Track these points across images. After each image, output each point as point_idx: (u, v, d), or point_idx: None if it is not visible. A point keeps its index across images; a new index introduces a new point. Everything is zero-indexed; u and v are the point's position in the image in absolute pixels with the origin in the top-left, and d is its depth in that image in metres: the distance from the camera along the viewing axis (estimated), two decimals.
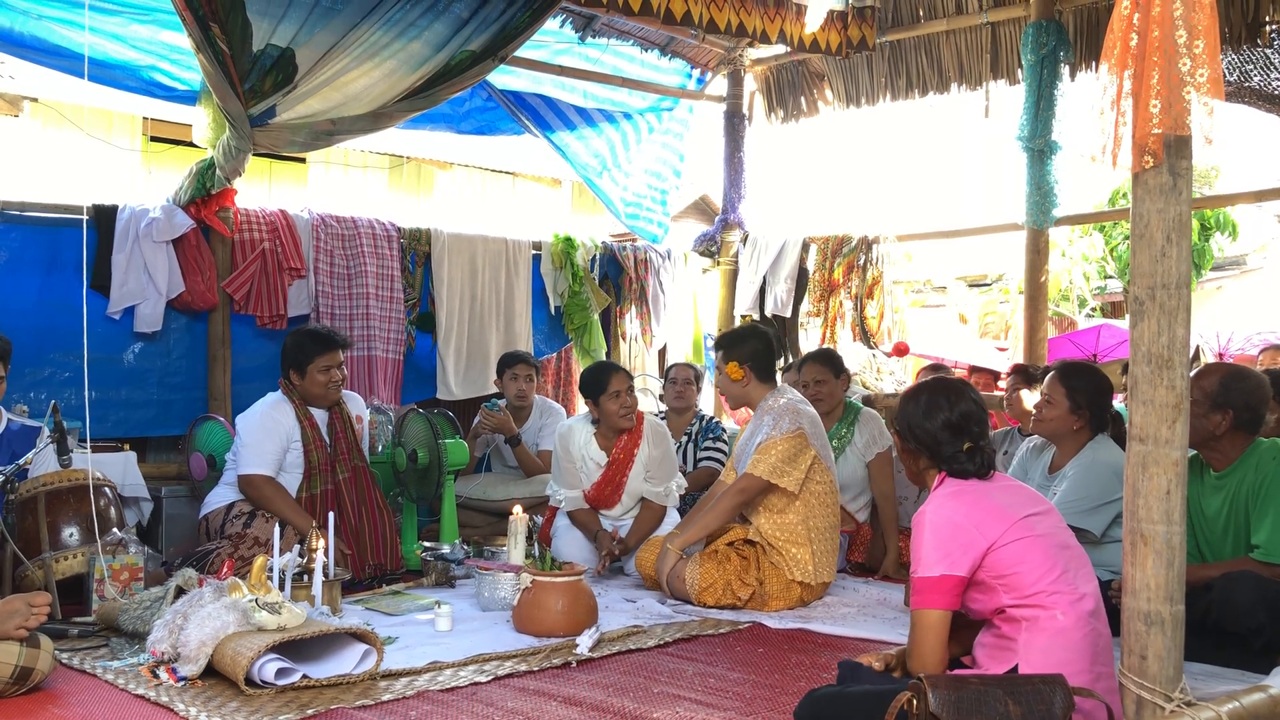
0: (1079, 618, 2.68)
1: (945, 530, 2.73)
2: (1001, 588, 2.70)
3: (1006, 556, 2.69)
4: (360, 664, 3.46)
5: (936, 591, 2.70)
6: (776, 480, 4.67)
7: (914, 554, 2.79)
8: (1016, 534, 2.72)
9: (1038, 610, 2.66)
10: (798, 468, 4.71)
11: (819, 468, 4.81)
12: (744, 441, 4.98)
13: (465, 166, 12.29)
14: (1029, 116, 6.49)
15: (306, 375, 5.08)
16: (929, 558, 2.71)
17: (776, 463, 4.67)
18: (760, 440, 4.77)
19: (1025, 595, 2.68)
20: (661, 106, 8.28)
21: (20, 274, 5.62)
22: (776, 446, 4.70)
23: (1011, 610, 2.69)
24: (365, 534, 5.09)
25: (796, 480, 4.69)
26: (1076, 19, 6.69)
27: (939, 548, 2.71)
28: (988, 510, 2.76)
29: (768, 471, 4.67)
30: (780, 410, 4.81)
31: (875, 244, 7.62)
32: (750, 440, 4.90)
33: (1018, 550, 2.70)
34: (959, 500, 2.79)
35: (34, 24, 5.59)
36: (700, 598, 4.62)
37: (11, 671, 3.19)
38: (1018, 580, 2.69)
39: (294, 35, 5.59)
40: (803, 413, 4.83)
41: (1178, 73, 2.52)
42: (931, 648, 2.69)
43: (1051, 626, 2.65)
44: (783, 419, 4.77)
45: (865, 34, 7.11)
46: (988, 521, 2.73)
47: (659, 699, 3.33)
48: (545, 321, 7.70)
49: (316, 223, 6.50)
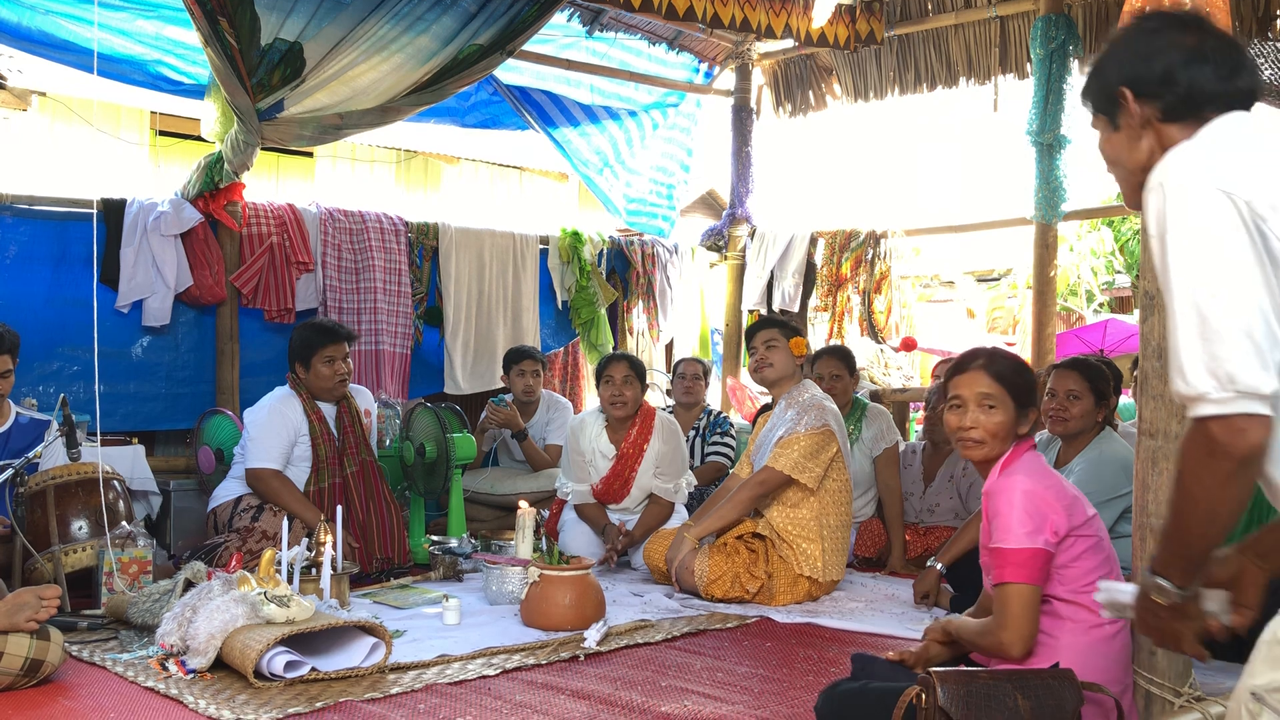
0: (1120, 627, 2.63)
1: (1035, 503, 2.59)
2: (1056, 577, 2.61)
3: (1074, 547, 2.61)
4: (369, 657, 3.47)
5: (1029, 566, 2.55)
6: (797, 475, 4.67)
7: (1000, 523, 2.62)
8: (1088, 529, 2.65)
9: (1085, 611, 2.58)
10: (819, 464, 4.71)
11: (838, 466, 4.81)
12: (765, 433, 4.97)
13: (472, 161, 12.29)
14: (1038, 111, 6.47)
15: (311, 368, 5.09)
16: (1021, 529, 2.56)
17: (799, 458, 4.67)
18: (782, 434, 4.77)
19: (1075, 589, 2.60)
20: (668, 102, 8.27)
21: (29, 268, 5.63)
22: (800, 442, 4.69)
23: (1058, 604, 2.61)
24: (373, 528, 5.10)
25: (816, 477, 4.69)
26: (1086, 12, 6.67)
27: (1033, 518, 2.57)
28: (1069, 495, 2.68)
29: (789, 466, 4.67)
30: (805, 405, 4.80)
31: (883, 238, 7.60)
32: (771, 432, 4.89)
33: (1084, 545, 2.62)
34: (1045, 479, 2.67)
35: (41, 19, 5.59)
36: (708, 590, 4.62)
37: (22, 664, 3.20)
38: (1072, 574, 2.61)
39: (302, 29, 5.59)
40: (828, 409, 4.83)
41: None
42: (1032, 624, 2.55)
43: (1097, 633, 2.59)
44: (807, 414, 4.77)
45: (873, 28, 7.09)
46: (1071, 505, 2.64)
47: (667, 692, 3.34)
48: (552, 316, 7.70)
49: (324, 217, 6.51)
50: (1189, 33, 1.84)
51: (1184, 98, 1.80)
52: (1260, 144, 1.73)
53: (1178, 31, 1.85)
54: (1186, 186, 1.66)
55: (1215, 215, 1.63)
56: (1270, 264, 1.62)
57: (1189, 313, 1.63)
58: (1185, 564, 1.75)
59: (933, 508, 5.68)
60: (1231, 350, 1.59)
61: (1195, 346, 1.62)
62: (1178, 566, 1.76)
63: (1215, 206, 1.63)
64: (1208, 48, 1.82)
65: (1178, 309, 1.64)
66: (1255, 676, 1.70)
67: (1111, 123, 1.91)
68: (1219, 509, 1.66)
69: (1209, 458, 1.63)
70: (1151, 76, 1.83)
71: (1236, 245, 1.61)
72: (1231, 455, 1.61)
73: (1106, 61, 1.93)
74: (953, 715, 2.22)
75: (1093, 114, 1.96)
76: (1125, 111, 1.87)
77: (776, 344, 4.89)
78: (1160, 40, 1.85)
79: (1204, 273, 1.62)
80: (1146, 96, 1.84)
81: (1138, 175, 1.87)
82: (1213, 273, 1.62)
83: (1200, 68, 1.80)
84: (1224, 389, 1.60)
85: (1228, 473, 1.63)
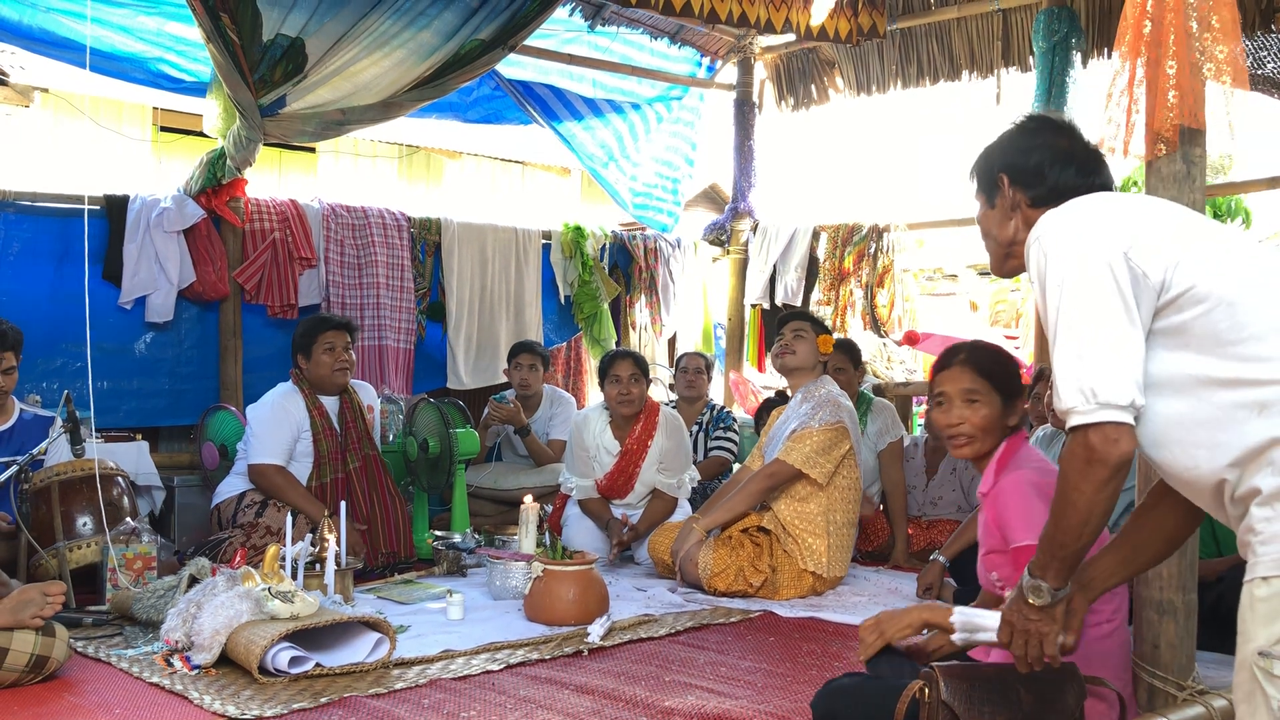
0: (1119, 626, 2.62)
1: (1047, 492, 2.43)
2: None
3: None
4: (373, 652, 3.48)
5: None
6: (808, 470, 4.67)
7: (1014, 523, 2.56)
8: None
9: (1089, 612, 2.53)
10: (830, 460, 4.71)
11: (849, 464, 4.81)
12: (777, 426, 4.98)
13: (475, 156, 12.28)
14: (1040, 104, 6.44)
15: (312, 357, 5.10)
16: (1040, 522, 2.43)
17: (810, 453, 4.68)
18: (795, 428, 4.77)
19: None
20: (671, 95, 8.26)
21: (32, 264, 5.64)
22: (813, 437, 4.70)
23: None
24: (377, 522, 5.11)
25: (826, 472, 4.70)
26: (1089, 5, 6.64)
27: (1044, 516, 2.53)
28: None
29: (800, 460, 4.67)
30: (821, 400, 4.81)
31: (885, 232, 7.59)
32: (784, 426, 4.90)
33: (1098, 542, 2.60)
34: (1049, 470, 2.62)
35: (41, 16, 5.59)
36: (712, 583, 4.63)
37: (27, 660, 3.21)
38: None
39: (304, 25, 5.59)
40: (843, 406, 4.84)
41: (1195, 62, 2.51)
42: None
43: (1095, 630, 2.56)
44: (822, 409, 4.77)
45: (876, 21, 7.07)
46: None
47: (671, 687, 3.34)
48: (555, 311, 7.70)
49: (327, 212, 6.51)
50: (1061, 137, 2.20)
51: (1050, 189, 2.13)
52: (1117, 201, 2.03)
53: (1052, 134, 2.21)
54: (1059, 239, 1.94)
55: (1082, 261, 1.90)
56: (1135, 297, 1.87)
57: (1066, 342, 1.88)
58: (1061, 566, 1.99)
59: (935, 501, 5.69)
60: (1095, 369, 1.84)
61: (1069, 368, 1.87)
62: (1055, 569, 1.99)
63: (1082, 254, 1.90)
64: (1075, 151, 2.17)
65: (1058, 339, 1.89)
66: (1254, 639, 1.77)
67: (989, 201, 2.23)
68: (1094, 511, 1.90)
69: (1086, 465, 1.86)
70: (1026, 168, 2.16)
71: (1101, 284, 1.87)
72: (1106, 462, 1.85)
73: (993, 148, 2.25)
74: (956, 709, 2.22)
75: (975, 190, 2.28)
76: (1001, 194, 2.19)
77: (804, 335, 4.92)
78: (1037, 140, 2.20)
79: (1075, 309, 1.88)
80: (1020, 184, 2.17)
81: (1004, 248, 2.21)
82: (1082, 308, 1.87)
83: (1066, 168, 2.14)
84: (1089, 402, 1.84)
85: (1103, 479, 1.86)
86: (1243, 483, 1.80)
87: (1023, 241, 2.13)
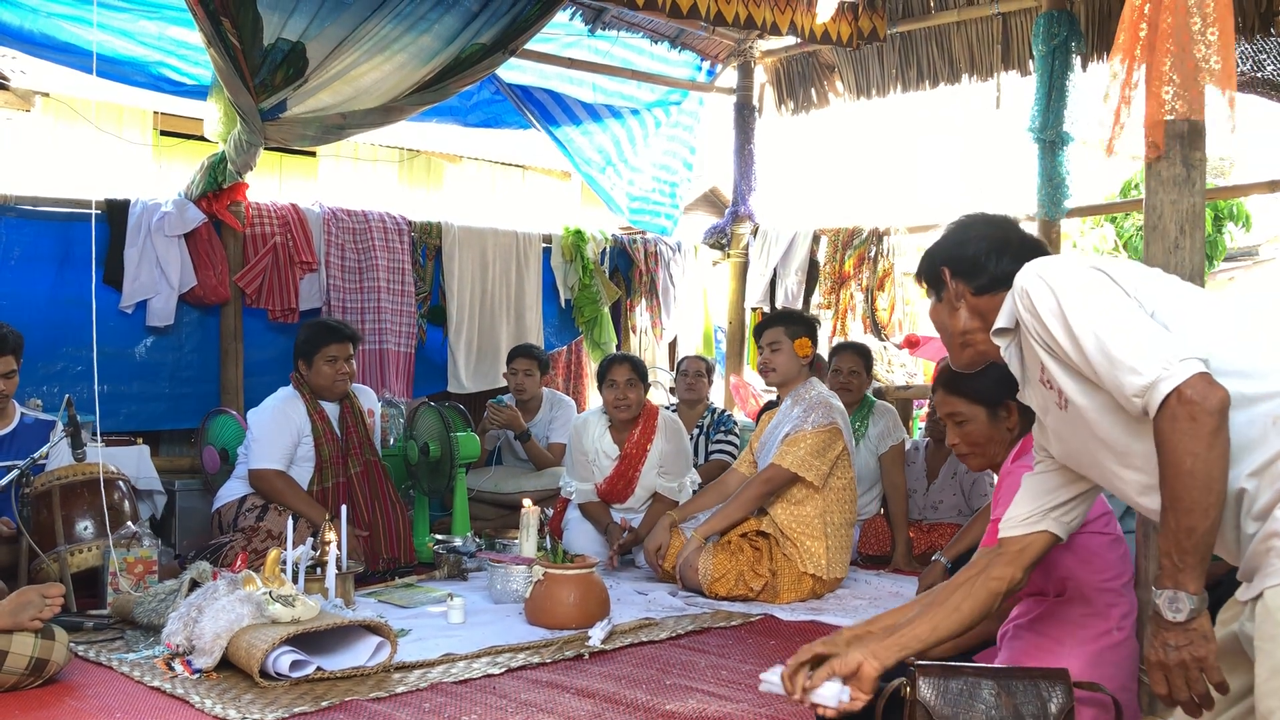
0: (1129, 634, 2.58)
1: None
2: (1088, 564, 2.55)
3: (1091, 543, 2.56)
4: (374, 656, 3.48)
5: None
6: (803, 473, 4.68)
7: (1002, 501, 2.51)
8: (1108, 526, 2.59)
9: (1095, 617, 2.53)
10: (825, 461, 4.72)
11: (843, 464, 4.82)
12: (769, 430, 4.98)
13: (475, 160, 12.27)
14: (1040, 107, 6.45)
15: (313, 366, 5.10)
16: None
17: (805, 455, 4.68)
18: (788, 431, 4.78)
19: (1099, 585, 2.54)
20: (670, 100, 8.27)
21: (33, 269, 5.63)
22: (806, 440, 4.70)
23: (1075, 607, 2.54)
24: (378, 528, 5.11)
25: (821, 474, 4.70)
26: (1088, 9, 6.65)
27: None
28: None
29: (795, 464, 4.68)
30: (812, 402, 4.81)
31: (886, 235, 7.60)
32: (776, 429, 4.90)
33: (1104, 542, 2.57)
34: None
35: (42, 21, 5.60)
36: (712, 588, 4.63)
37: (27, 663, 3.21)
38: (1102, 564, 2.55)
39: (305, 29, 5.59)
40: (834, 407, 4.84)
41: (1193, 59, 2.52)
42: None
43: (1105, 640, 2.53)
44: (814, 412, 4.78)
45: (876, 25, 7.08)
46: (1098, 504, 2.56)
47: (671, 691, 3.34)
48: (555, 315, 7.70)
49: (327, 216, 6.51)
50: (995, 229, 2.26)
51: (990, 279, 2.18)
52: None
53: (986, 227, 2.27)
54: (1062, 267, 1.98)
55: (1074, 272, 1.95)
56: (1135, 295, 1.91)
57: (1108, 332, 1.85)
58: (1196, 560, 1.79)
59: (936, 505, 5.69)
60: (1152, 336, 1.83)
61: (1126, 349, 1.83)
62: (1189, 566, 1.80)
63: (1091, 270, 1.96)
64: (1010, 240, 2.23)
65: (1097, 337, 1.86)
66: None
67: (938, 295, 2.27)
68: (1214, 473, 1.77)
69: (1191, 423, 1.76)
70: (964, 259, 2.22)
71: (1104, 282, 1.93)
72: (1210, 410, 1.75)
73: (935, 246, 2.32)
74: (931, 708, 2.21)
75: (925, 289, 2.34)
76: (946, 287, 2.24)
77: (779, 346, 4.91)
78: (972, 232, 2.26)
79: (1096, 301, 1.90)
80: (961, 276, 2.22)
81: (958, 338, 2.24)
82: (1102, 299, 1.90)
83: (1002, 256, 2.18)
84: (1167, 365, 1.78)
85: (1212, 428, 1.76)
86: (1262, 492, 1.82)
87: (974, 329, 2.19)
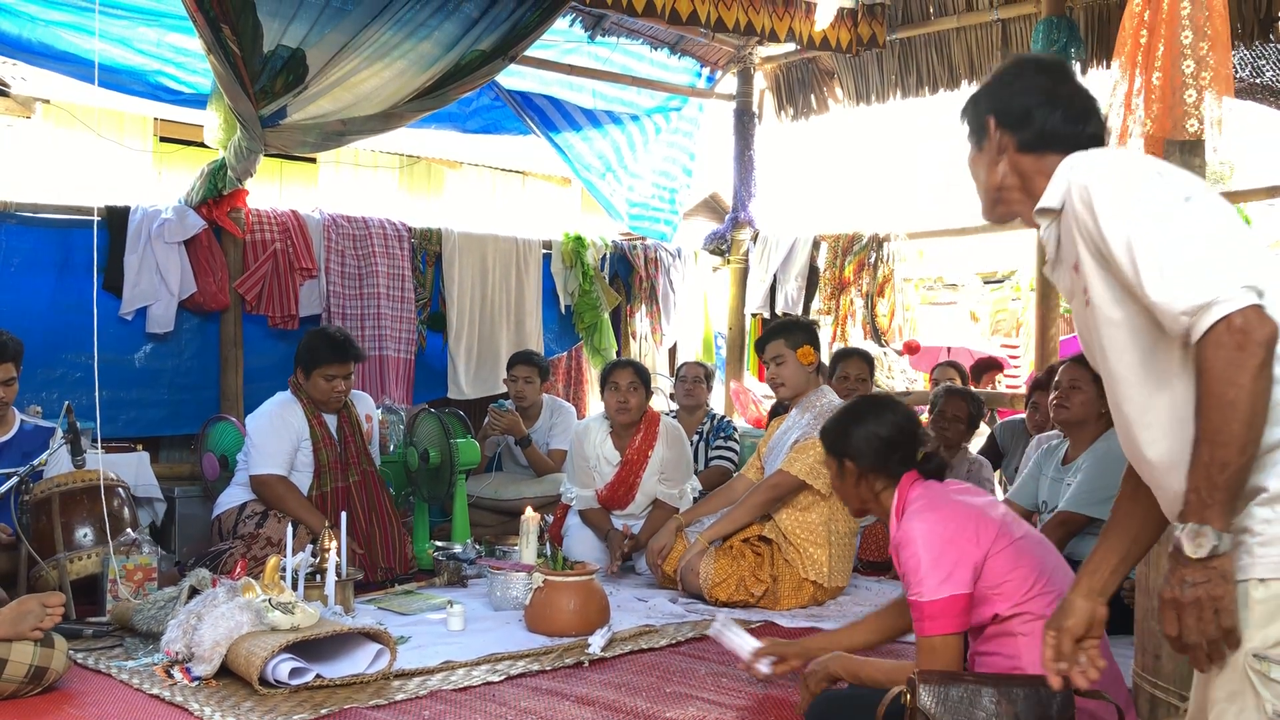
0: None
1: (940, 545, 2.55)
2: (996, 597, 2.55)
3: (1000, 564, 2.55)
4: (373, 663, 3.47)
5: (948, 615, 2.51)
6: (811, 480, 4.67)
7: (910, 576, 2.58)
8: (1005, 539, 2.59)
9: (1034, 621, 2.50)
10: None
11: None
12: (778, 436, 4.97)
13: (475, 166, 12.30)
14: None
15: (310, 378, 5.09)
16: (931, 579, 2.52)
17: (814, 463, 4.67)
18: (797, 438, 4.77)
19: (1017, 603, 2.54)
20: (670, 106, 8.28)
21: (33, 275, 5.64)
22: (815, 447, 4.69)
23: (1008, 622, 2.55)
24: (375, 539, 5.09)
25: (828, 482, 4.69)
26: (1088, 15, 6.66)
27: (939, 566, 2.52)
28: (970, 516, 2.62)
29: (804, 471, 4.67)
30: (822, 410, 4.80)
31: (886, 241, 7.60)
32: (785, 436, 4.89)
33: (1010, 556, 2.57)
34: (940, 511, 2.63)
35: (41, 30, 5.60)
36: (713, 593, 4.62)
37: (26, 671, 3.20)
38: (1010, 588, 2.55)
39: (305, 36, 5.60)
40: None
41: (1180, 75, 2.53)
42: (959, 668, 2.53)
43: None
44: (823, 420, 4.76)
45: (875, 31, 7.10)
46: (978, 528, 2.59)
47: (672, 698, 3.33)
48: (556, 320, 7.70)
49: (328, 223, 6.52)
50: (1051, 79, 2.09)
51: (1037, 134, 2.03)
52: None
53: (1042, 77, 2.10)
54: (1126, 168, 1.84)
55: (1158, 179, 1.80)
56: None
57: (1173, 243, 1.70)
58: (1226, 494, 1.69)
59: None
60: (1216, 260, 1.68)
61: (1189, 263, 1.68)
62: (1219, 500, 1.68)
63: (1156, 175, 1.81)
64: (1063, 94, 2.06)
65: (1160, 246, 1.71)
66: (1248, 640, 1.71)
67: (978, 144, 2.14)
68: (1257, 407, 1.66)
69: (1239, 352, 1.64)
70: (1013, 110, 2.06)
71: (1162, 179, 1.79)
72: (1261, 341, 1.64)
73: (982, 91, 2.17)
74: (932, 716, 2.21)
75: (966, 133, 2.19)
76: (989, 137, 2.10)
77: (784, 359, 4.91)
78: (1025, 82, 2.10)
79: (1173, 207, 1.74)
80: (1007, 127, 2.07)
81: (993, 192, 2.11)
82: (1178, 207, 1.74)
83: (1053, 112, 2.03)
84: (1230, 289, 1.65)
85: (1260, 362, 1.65)
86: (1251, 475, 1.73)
87: (1011, 187, 2.07)
